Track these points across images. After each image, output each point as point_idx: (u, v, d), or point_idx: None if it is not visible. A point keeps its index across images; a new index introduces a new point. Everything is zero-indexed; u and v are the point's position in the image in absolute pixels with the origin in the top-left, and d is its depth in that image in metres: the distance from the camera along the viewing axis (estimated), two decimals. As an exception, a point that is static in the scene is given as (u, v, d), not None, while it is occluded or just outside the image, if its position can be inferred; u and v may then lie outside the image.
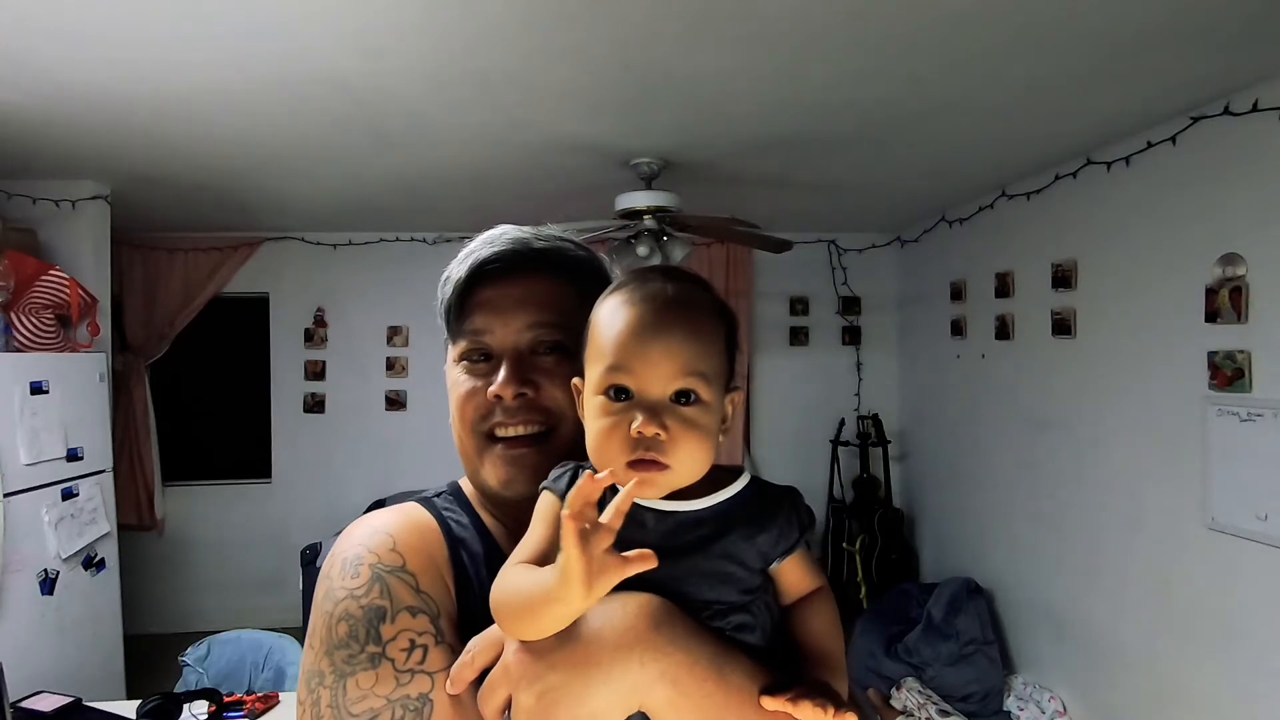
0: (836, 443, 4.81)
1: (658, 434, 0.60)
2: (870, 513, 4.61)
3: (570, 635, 0.58)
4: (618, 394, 0.62)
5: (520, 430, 0.74)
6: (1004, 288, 3.71)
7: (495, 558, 0.73)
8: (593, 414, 0.64)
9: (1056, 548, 3.37)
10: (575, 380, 0.69)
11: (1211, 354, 2.48)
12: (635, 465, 0.61)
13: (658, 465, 0.61)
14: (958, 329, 4.18)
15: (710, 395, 0.63)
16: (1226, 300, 2.42)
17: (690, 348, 0.62)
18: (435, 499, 0.80)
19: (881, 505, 4.68)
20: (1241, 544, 2.40)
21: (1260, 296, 2.33)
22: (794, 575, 0.67)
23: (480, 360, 0.77)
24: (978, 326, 3.99)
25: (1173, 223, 2.67)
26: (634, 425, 0.60)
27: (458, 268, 0.78)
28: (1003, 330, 3.73)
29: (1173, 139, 2.62)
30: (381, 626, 0.64)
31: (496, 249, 0.78)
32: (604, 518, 0.52)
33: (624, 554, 0.53)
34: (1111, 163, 2.92)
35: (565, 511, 0.52)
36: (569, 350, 0.74)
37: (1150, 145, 2.73)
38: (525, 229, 0.81)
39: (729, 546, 0.63)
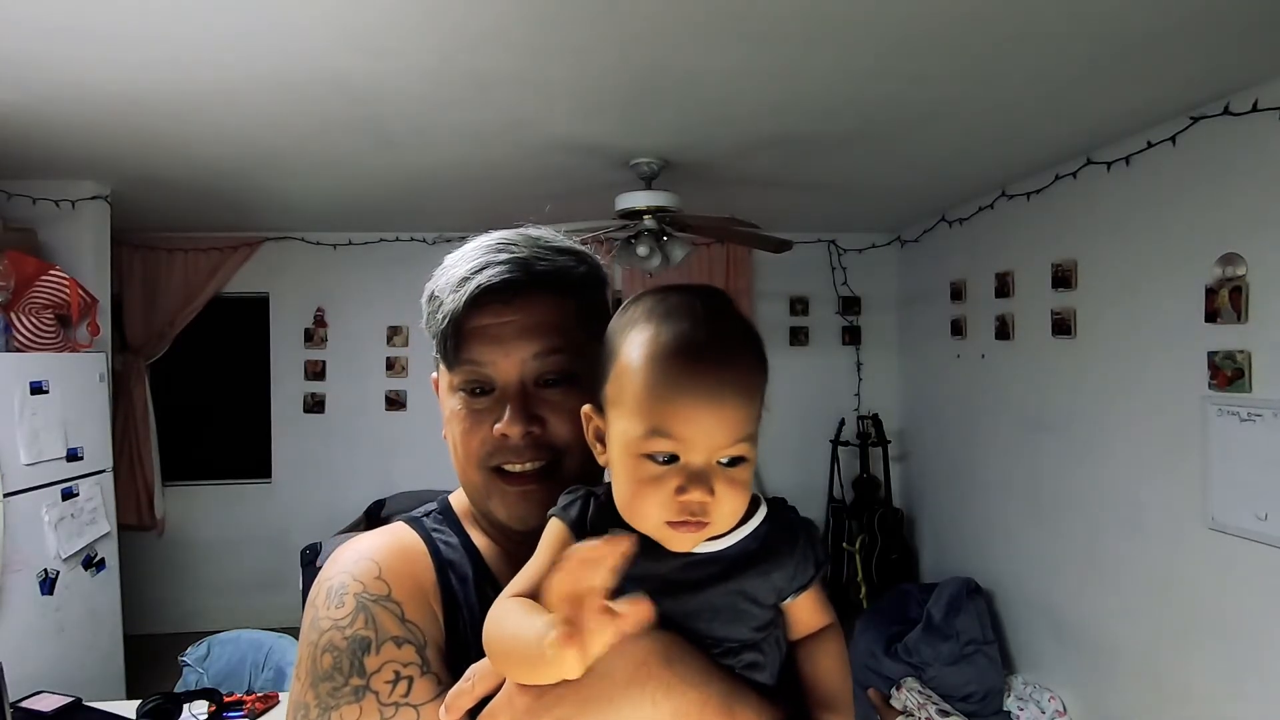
0: (836, 443, 4.80)
1: (705, 502, 0.57)
2: (870, 513, 4.61)
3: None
4: (656, 457, 0.58)
5: (528, 466, 0.71)
6: (1004, 288, 3.71)
7: (485, 580, 0.72)
8: (627, 472, 0.60)
9: (1056, 547, 3.37)
10: (586, 409, 0.66)
11: (1211, 354, 2.48)
12: (676, 526, 0.58)
13: (696, 525, 0.58)
14: (958, 329, 4.18)
15: (755, 450, 0.59)
16: (1226, 300, 2.42)
17: (743, 413, 0.58)
18: (424, 519, 0.78)
19: (881, 505, 4.68)
20: (1241, 544, 2.40)
21: (1260, 296, 2.33)
22: (805, 611, 0.66)
23: (481, 393, 0.72)
24: (978, 326, 3.99)
25: (1173, 223, 2.67)
26: (681, 494, 0.57)
27: (452, 296, 0.72)
28: (1003, 330, 3.73)
29: (1172, 139, 2.62)
30: (365, 658, 0.63)
31: (494, 276, 0.71)
32: (600, 580, 0.48)
33: (617, 611, 0.48)
34: (1111, 163, 2.92)
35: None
36: (574, 379, 0.71)
37: (1150, 145, 2.73)
38: (521, 243, 0.75)
39: (744, 583, 0.61)
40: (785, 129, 2.76)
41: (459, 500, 0.80)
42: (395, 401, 4.79)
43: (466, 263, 0.73)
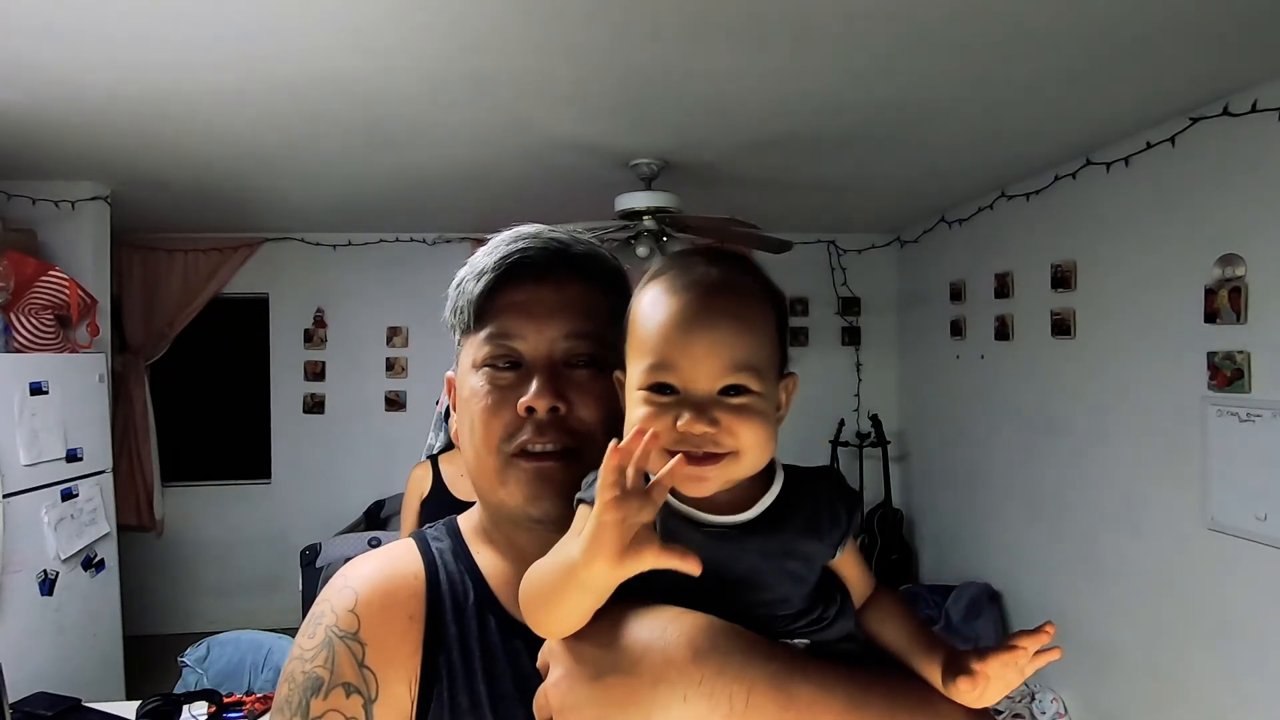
0: (836, 443, 4.80)
1: (707, 431, 0.56)
2: (870, 513, 4.62)
3: (611, 667, 0.55)
4: (661, 390, 0.58)
5: (549, 447, 0.68)
6: (1003, 288, 3.71)
7: (486, 605, 0.70)
8: (634, 406, 0.60)
9: (1056, 548, 3.37)
10: (618, 374, 0.65)
11: (1211, 354, 2.48)
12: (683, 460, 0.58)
13: (710, 459, 0.57)
14: (957, 329, 4.18)
15: (762, 386, 0.59)
16: (1226, 301, 2.42)
17: (738, 340, 0.58)
18: (430, 538, 0.76)
19: (881, 505, 4.69)
20: (1241, 544, 2.40)
21: (1259, 297, 2.34)
22: (853, 568, 0.65)
23: (506, 368, 0.70)
24: (977, 327, 3.99)
25: (1172, 223, 2.67)
26: (680, 423, 0.56)
27: (485, 259, 0.72)
28: (1002, 331, 3.73)
29: (1172, 140, 2.62)
30: (313, 700, 0.62)
31: (532, 245, 0.72)
32: (651, 486, 0.49)
33: (669, 545, 0.49)
34: (1111, 163, 2.92)
35: (611, 450, 0.49)
36: (603, 365, 0.70)
37: (1149, 146, 2.74)
38: (558, 230, 0.76)
39: (785, 541, 0.60)
40: (785, 129, 2.76)
41: (467, 520, 0.78)
42: (395, 402, 4.79)
43: (502, 243, 0.73)
